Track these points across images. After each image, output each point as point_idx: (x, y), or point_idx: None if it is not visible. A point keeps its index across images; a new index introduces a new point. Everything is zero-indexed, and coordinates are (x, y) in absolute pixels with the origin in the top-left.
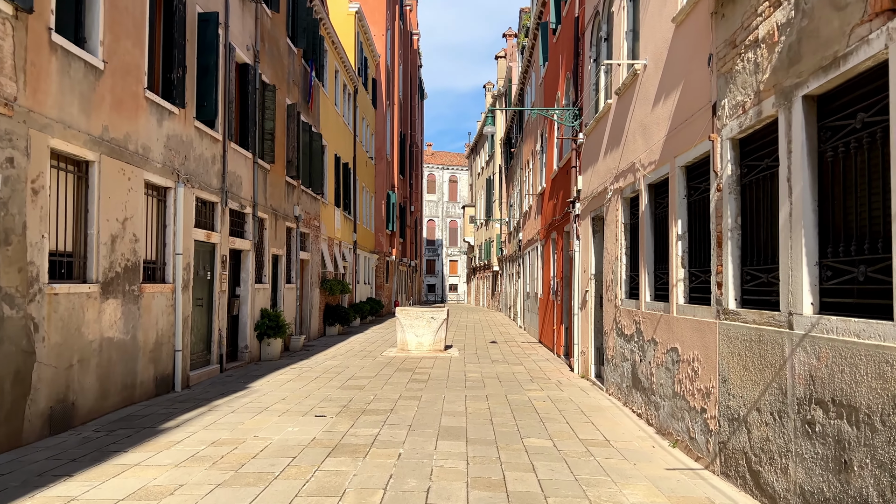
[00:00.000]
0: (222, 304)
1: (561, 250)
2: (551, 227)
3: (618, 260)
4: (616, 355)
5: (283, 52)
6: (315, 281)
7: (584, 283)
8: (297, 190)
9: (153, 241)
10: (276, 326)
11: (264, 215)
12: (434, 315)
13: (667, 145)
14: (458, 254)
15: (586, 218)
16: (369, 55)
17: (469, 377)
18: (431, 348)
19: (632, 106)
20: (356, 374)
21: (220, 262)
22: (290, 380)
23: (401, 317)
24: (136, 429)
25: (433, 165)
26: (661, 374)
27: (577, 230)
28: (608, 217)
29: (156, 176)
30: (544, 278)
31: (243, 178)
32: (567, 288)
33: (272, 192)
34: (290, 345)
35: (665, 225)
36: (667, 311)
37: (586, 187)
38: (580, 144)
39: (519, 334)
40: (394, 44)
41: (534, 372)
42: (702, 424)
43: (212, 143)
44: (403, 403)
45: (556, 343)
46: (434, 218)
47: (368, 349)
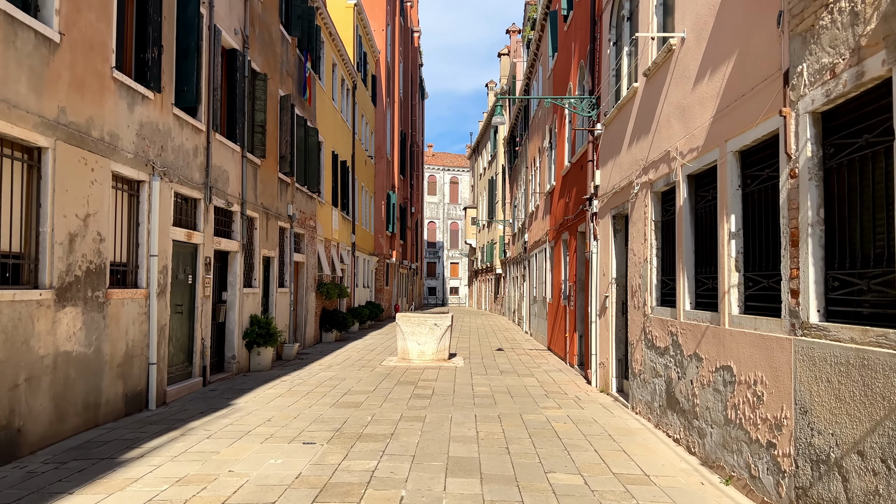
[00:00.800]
0: (206, 311)
1: (574, 252)
2: (562, 227)
3: (647, 262)
4: (645, 370)
5: (275, 40)
6: (311, 284)
7: (603, 287)
8: (290, 188)
9: (123, 240)
10: (266, 334)
11: (254, 214)
12: (437, 322)
13: (714, 128)
14: (459, 256)
15: (606, 216)
16: (369, 50)
17: (477, 391)
18: (435, 357)
19: (665, 87)
20: (353, 387)
21: (204, 265)
22: (279, 395)
23: (402, 323)
24: (92, 460)
25: (434, 167)
26: (706, 395)
27: (594, 230)
28: (634, 214)
29: (126, 167)
30: (554, 282)
31: (230, 173)
32: (581, 292)
33: (263, 189)
34: (282, 353)
35: (709, 221)
36: (715, 322)
37: (605, 183)
38: (598, 136)
39: (525, 340)
40: (394, 40)
41: (547, 385)
42: (769, 462)
43: (193, 134)
44: (405, 426)
45: (568, 352)
46: (435, 220)
47: (367, 358)
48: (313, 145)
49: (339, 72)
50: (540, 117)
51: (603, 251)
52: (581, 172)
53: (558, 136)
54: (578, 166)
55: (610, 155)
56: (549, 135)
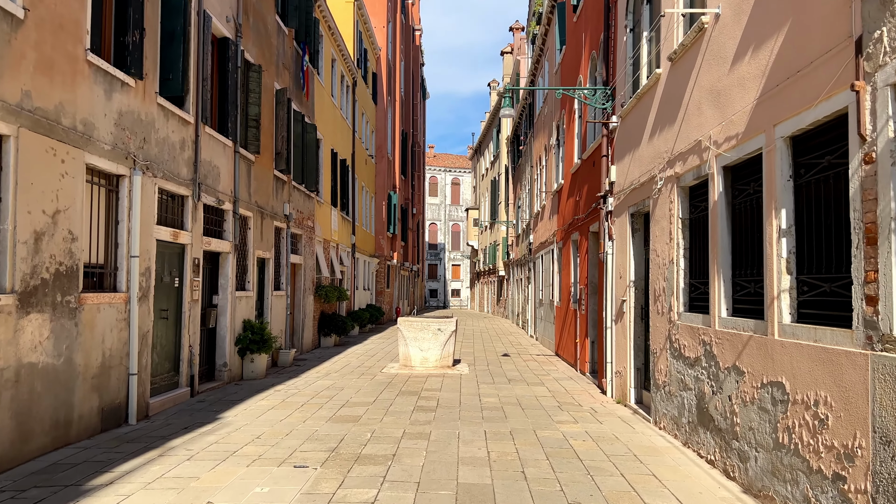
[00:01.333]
0: (194, 316)
1: (586, 253)
2: (572, 227)
3: (673, 264)
4: (671, 381)
5: (270, 31)
6: (308, 287)
7: (619, 291)
8: (287, 186)
9: (100, 240)
10: (260, 340)
11: (248, 213)
12: (441, 326)
13: (759, 112)
14: (460, 258)
15: (623, 214)
16: (369, 47)
17: (485, 403)
18: (438, 364)
19: (695, 71)
20: (351, 398)
21: (192, 267)
22: (271, 407)
23: (403, 329)
24: (55, 487)
25: (435, 167)
26: (750, 414)
27: (608, 229)
28: (657, 212)
29: (103, 160)
30: (563, 285)
31: (222, 168)
32: (594, 296)
33: (257, 186)
34: (278, 360)
35: (751, 218)
36: (761, 331)
37: (622, 179)
38: (613, 130)
39: (532, 345)
40: (395, 37)
41: (560, 395)
42: (837, 497)
43: (180, 126)
44: (408, 445)
45: (579, 359)
46: (436, 221)
47: (367, 364)
48: (311, 142)
49: (338, 67)
50: (546, 114)
51: (619, 252)
52: (593, 169)
53: (567, 133)
54: (590, 163)
55: (627, 149)
56: (557, 132)
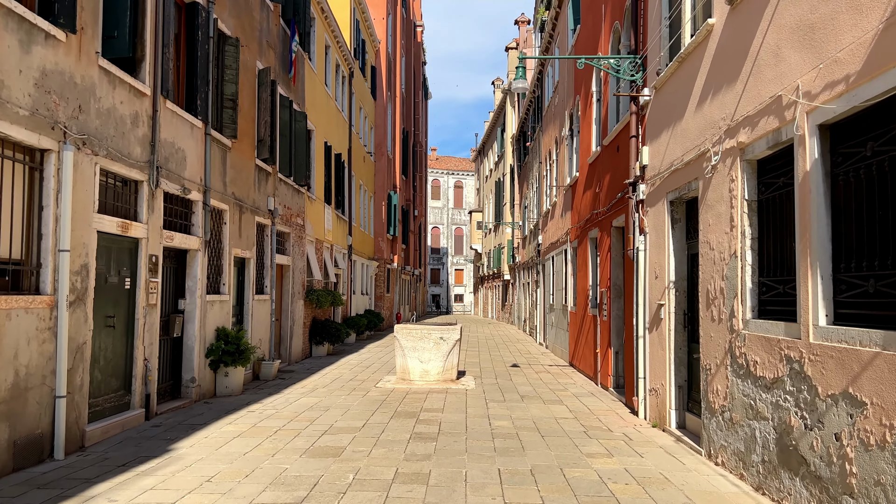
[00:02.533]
0: (152, 324)
1: (608, 251)
2: (590, 223)
3: (736, 258)
4: (733, 406)
5: (252, 2)
6: (298, 291)
7: (654, 293)
8: (272, 178)
9: (14, 230)
10: (236, 351)
11: (222, 205)
12: (444, 335)
13: (886, 40)
14: (463, 262)
15: (659, 203)
16: (367, 38)
17: (497, 427)
18: (440, 378)
19: (770, 7)
20: (336, 421)
21: (148, 265)
22: (238, 434)
23: (401, 338)
24: None
25: (437, 170)
26: (878, 463)
27: (639, 222)
28: (709, 195)
29: (17, 128)
30: (578, 288)
31: (189, 152)
32: (618, 300)
33: (235, 176)
34: (260, 372)
35: (865, 193)
36: (892, 346)
37: (657, 160)
38: (644, 105)
39: (542, 354)
40: (395, 30)
41: (584, 416)
42: None
43: (133, 97)
44: (401, 493)
45: (600, 371)
46: (439, 225)
47: (360, 377)
48: (301, 132)
49: (333, 55)
50: (557, 104)
51: (655, 248)
52: (617, 155)
53: (582, 119)
54: (613, 148)
55: (665, 124)
56: (570, 121)
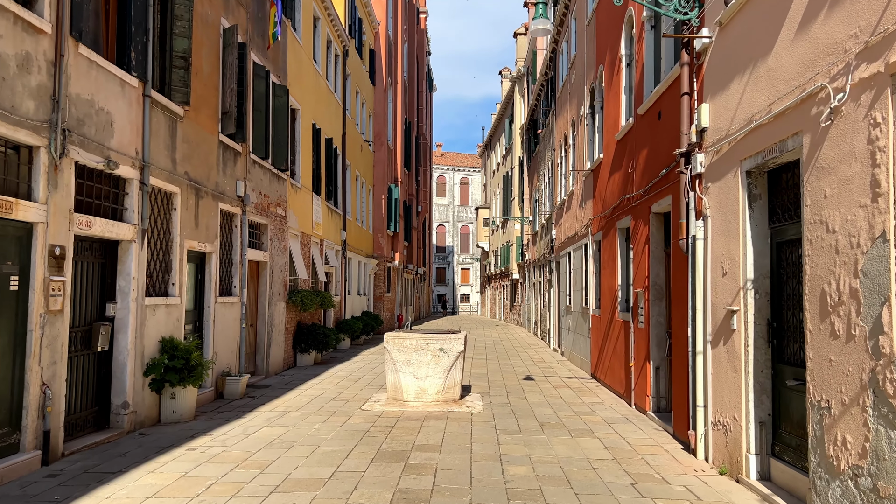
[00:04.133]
0: (54, 337)
1: (645, 243)
2: (619, 210)
3: (886, 243)
4: (880, 471)
5: None
6: (279, 292)
7: (720, 295)
8: (242, 159)
9: None
10: (185, 367)
11: (171, 187)
12: (444, 346)
13: None
14: (470, 261)
15: (729, 174)
16: (365, 17)
17: (512, 479)
18: (440, 398)
19: None
20: (297, 468)
21: (48, 259)
22: (156, 490)
23: (392, 349)
24: None
25: (443, 167)
26: None
27: (695, 202)
28: (825, 153)
29: None
30: (603, 287)
31: (117, 116)
32: (659, 303)
33: (190, 152)
34: (224, 390)
35: None
36: None
37: (723, 119)
38: (702, 50)
39: (558, 363)
40: (396, 13)
41: (624, 456)
42: None
43: (20, 32)
44: None
45: (635, 389)
46: (444, 223)
47: (345, 395)
48: (281, 108)
49: (323, 28)
50: (574, 82)
51: (721, 235)
52: (658, 124)
53: (608, 91)
54: (652, 116)
55: (736, 69)
56: (591, 96)
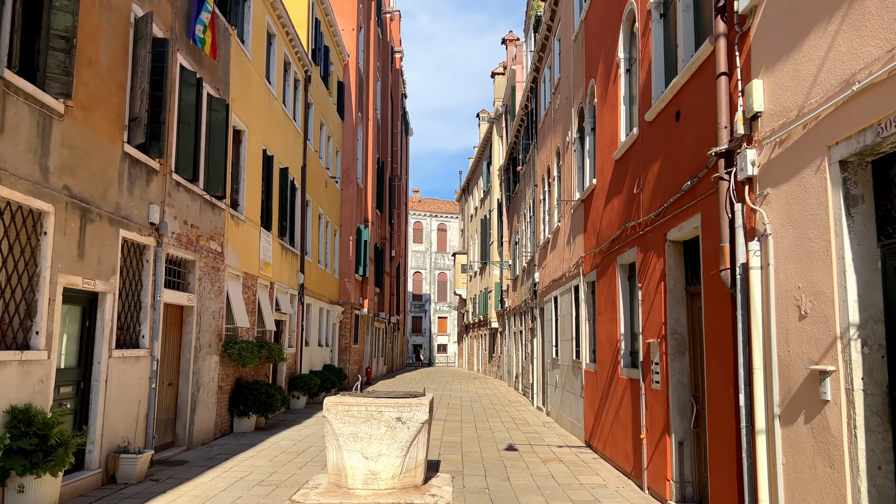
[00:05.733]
0: None
1: (660, 279)
2: (620, 243)
3: None
4: None
5: None
6: (211, 343)
7: (798, 348)
8: (160, 178)
9: None
10: (38, 448)
11: (40, 204)
12: (403, 414)
13: None
14: (447, 310)
15: (806, 171)
16: (332, 46)
17: None
18: (396, 484)
19: None
20: None
21: None
22: None
23: (334, 419)
24: None
25: (420, 213)
26: None
27: (744, 216)
28: None
29: None
30: (600, 337)
31: None
32: (681, 357)
33: (74, 161)
34: (117, 471)
35: None
36: None
37: (789, 96)
38: (749, 11)
39: (544, 425)
40: (368, 47)
41: None
42: None
43: None
44: None
45: (645, 466)
46: (421, 270)
47: (277, 478)
48: (218, 126)
49: (280, 47)
50: (558, 108)
51: (796, 260)
52: (676, 127)
53: (602, 106)
54: (667, 118)
55: (815, 15)
56: (579, 118)
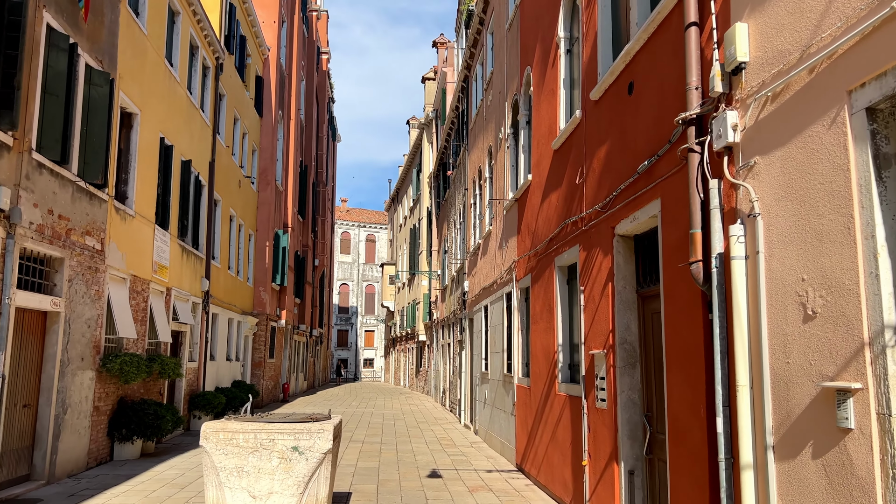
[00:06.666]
0: None
1: (608, 281)
2: (559, 242)
3: None
4: None
5: None
6: (83, 356)
7: (803, 359)
8: (12, 155)
9: None
10: None
11: None
12: (301, 442)
13: None
14: (375, 323)
15: (815, 127)
16: (250, 37)
17: None
18: None
19: None
20: None
21: None
22: None
23: (213, 449)
24: None
25: (348, 222)
26: None
27: (720, 196)
28: None
29: None
30: (535, 348)
31: None
32: (631, 370)
33: None
34: None
35: None
36: None
37: (786, 36)
38: None
39: (472, 446)
40: (292, 43)
41: None
42: None
43: None
44: None
45: (587, 498)
46: (348, 282)
47: None
48: (99, 102)
49: (185, 26)
50: (490, 104)
51: (799, 244)
52: (629, 101)
53: (539, 94)
54: (619, 91)
55: None
56: (515, 111)
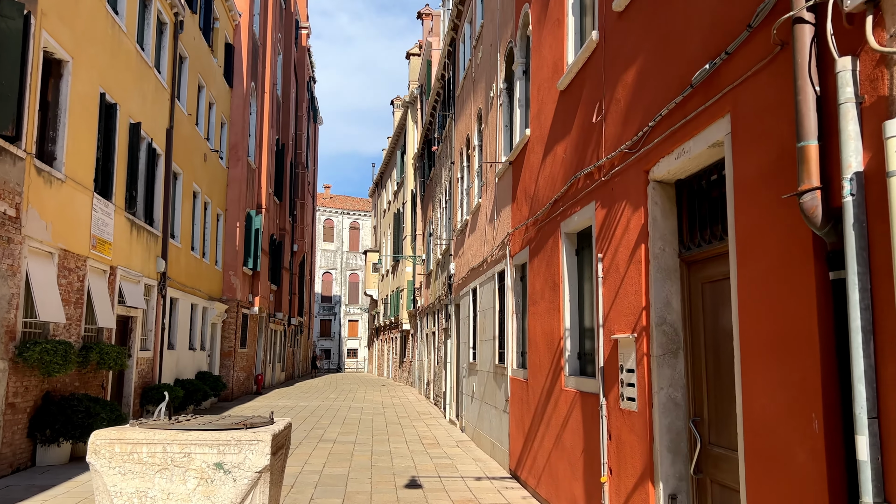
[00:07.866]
0: None
1: (636, 245)
2: (564, 202)
3: None
4: None
5: None
6: None
7: None
8: None
9: None
10: None
11: None
12: (226, 457)
13: None
14: (358, 312)
15: None
16: None
17: None
18: None
19: None
20: None
21: None
22: None
23: (105, 467)
24: None
25: (331, 209)
26: None
27: (856, 82)
28: None
29: None
30: (533, 334)
31: None
32: (673, 360)
33: None
34: None
35: None
36: None
37: None
38: None
39: (458, 445)
40: (266, 13)
41: None
42: None
43: None
44: None
45: None
46: (331, 270)
47: None
48: (10, 38)
49: None
50: (480, 62)
51: None
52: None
53: (542, 28)
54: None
55: None
56: (510, 61)
